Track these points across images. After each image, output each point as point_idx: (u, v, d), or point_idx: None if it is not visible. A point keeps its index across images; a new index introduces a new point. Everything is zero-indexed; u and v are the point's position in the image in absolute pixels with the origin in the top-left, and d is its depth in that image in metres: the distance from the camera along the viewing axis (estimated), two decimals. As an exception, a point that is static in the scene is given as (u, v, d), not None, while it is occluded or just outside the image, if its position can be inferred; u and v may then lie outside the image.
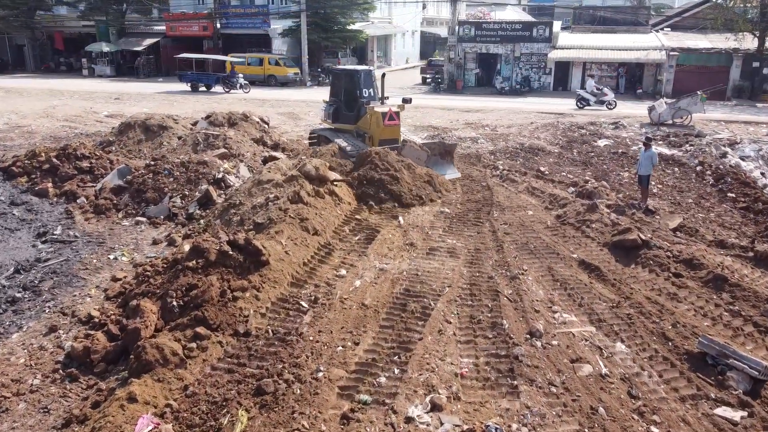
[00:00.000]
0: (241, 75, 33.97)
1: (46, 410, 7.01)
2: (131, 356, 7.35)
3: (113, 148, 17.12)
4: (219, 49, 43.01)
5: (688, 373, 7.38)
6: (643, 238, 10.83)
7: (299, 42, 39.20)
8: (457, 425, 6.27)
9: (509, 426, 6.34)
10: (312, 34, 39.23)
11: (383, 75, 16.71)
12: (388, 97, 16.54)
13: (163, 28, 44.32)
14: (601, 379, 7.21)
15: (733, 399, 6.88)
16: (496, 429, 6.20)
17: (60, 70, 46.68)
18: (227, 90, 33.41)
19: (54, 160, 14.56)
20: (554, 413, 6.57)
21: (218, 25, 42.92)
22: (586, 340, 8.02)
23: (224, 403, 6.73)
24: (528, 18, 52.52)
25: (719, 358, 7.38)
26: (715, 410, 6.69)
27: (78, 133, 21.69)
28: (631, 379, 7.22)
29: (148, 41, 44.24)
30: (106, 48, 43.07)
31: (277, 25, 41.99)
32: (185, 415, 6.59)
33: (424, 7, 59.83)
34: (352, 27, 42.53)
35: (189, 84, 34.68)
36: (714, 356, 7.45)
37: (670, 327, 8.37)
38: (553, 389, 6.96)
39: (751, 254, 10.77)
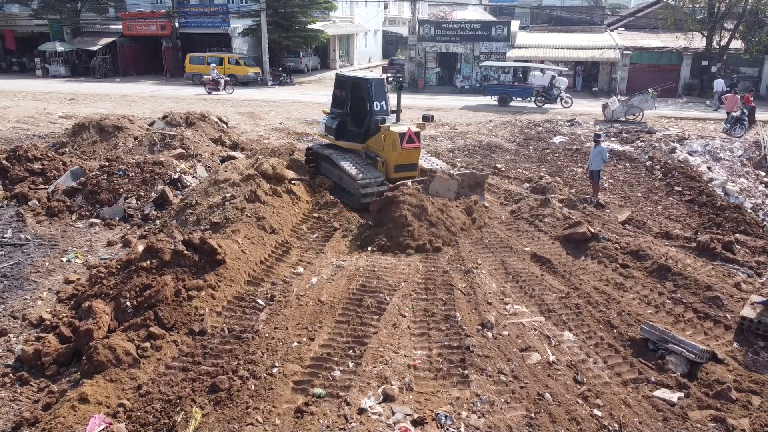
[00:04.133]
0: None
1: (-6, 414, 6.90)
2: (83, 357, 7.29)
3: (67, 150, 16.79)
4: (177, 49, 42.40)
5: (631, 358, 7.70)
6: (593, 231, 11.20)
7: (260, 41, 38.94)
8: (408, 414, 6.42)
9: (459, 414, 6.53)
10: (273, 33, 39.00)
11: (400, 86, 14.49)
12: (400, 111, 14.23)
13: (120, 27, 43.43)
14: (549, 366, 7.46)
15: (672, 381, 7.22)
16: (446, 417, 6.38)
17: (12, 71, 45.31)
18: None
19: (4, 162, 14.20)
20: (503, 400, 6.79)
21: (177, 24, 42.28)
22: (536, 330, 8.28)
23: (178, 401, 6.75)
24: (489, 18, 53.23)
25: (660, 343, 7.73)
26: (655, 392, 7.02)
27: (30, 134, 21.16)
28: (577, 366, 7.49)
29: (105, 40, 43.27)
30: (60, 47, 41.98)
31: (237, 24, 41.60)
32: (139, 414, 6.59)
33: (386, 7, 60.09)
34: (313, 26, 42.43)
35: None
36: (655, 342, 7.80)
37: (615, 315, 8.70)
38: (503, 377, 7.19)
39: (693, 245, 11.23)
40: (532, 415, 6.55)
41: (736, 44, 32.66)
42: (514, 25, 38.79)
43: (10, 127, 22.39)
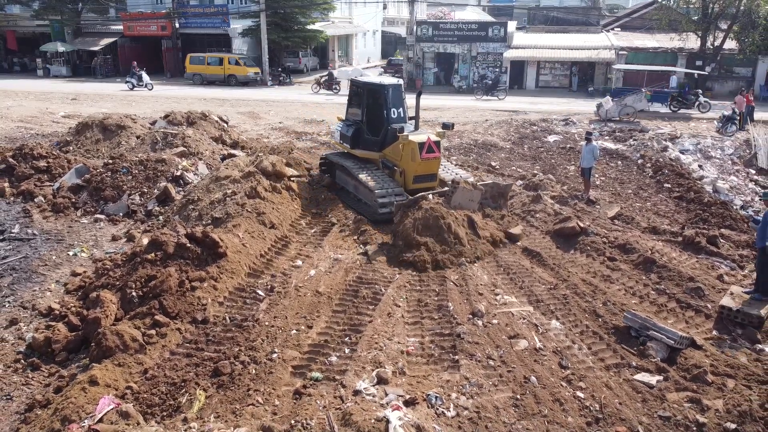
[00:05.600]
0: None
1: (9, 397, 7.28)
2: (92, 343, 7.66)
3: (71, 148, 17.15)
4: (178, 49, 42.75)
5: (614, 345, 8.07)
6: (582, 225, 11.58)
7: (259, 42, 39.29)
8: (400, 396, 6.78)
9: (449, 395, 6.89)
10: (272, 33, 39.37)
11: (419, 93, 13.55)
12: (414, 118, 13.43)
13: (121, 27, 43.79)
14: (535, 352, 7.83)
15: (652, 366, 7.59)
16: (436, 398, 6.75)
17: (13, 71, 45.65)
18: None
19: (10, 160, 14.58)
20: (491, 383, 7.16)
21: (177, 25, 42.63)
22: (524, 319, 8.64)
23: (183, 384, 7.13)
24: (488, 18, 53.59)
25: (641, 331, 8.10)
26: (635, 376, 7.38)
27: (34, 133, 21.51)
28: (562, 352, 7.86)
29: (105, 41, 43.63)
30: (61, 48, 42.32)
31: (237, 25, 41.97)
32: (145, 395, 6.97)
33: (384, 7, 60.45)
34: (312, 27, 42.81)
35: None
36: (637, 329, 8.16)
37: (601, 305, 9.07)
38: (491, 362, 7.55)
39: (680, 239, 11.60)
40: (518, 396, 6.91)
41: (731, 44, 33.05)
42: (511, 25, 39.19)
43: (13, 127, 22.74)
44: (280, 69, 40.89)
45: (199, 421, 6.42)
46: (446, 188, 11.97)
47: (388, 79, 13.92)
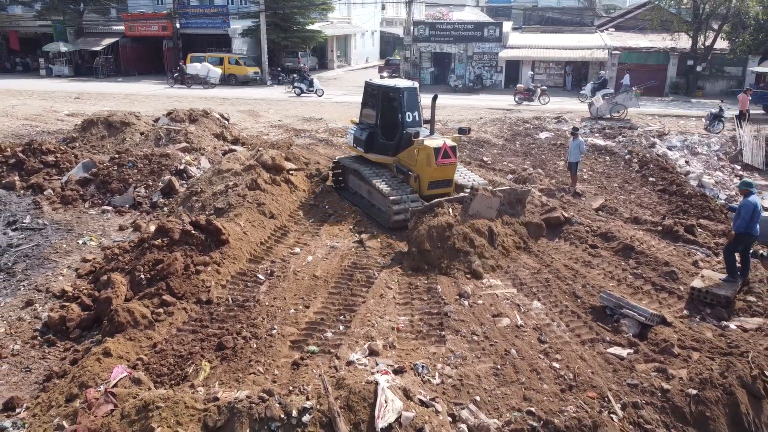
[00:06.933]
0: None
1: (27, 369, 7.86)
2: (104, 320, 8.26)
3: (77, 144, 17.72)
4: (178, 49, 43.34)
5: (590, 322, 8.67)
6: (566, 215, 12.18)
7: (259, 42, 39.89)
8: (390, 365, 7.37)
9: (435, 365, 7.48)
10: (271, 33, 39.98)
11: (434, 97, 12.95)
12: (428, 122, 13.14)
13: (122, 27, 44.37)
14: (517, 329, 8.43)
15: (624, 341, 8.18)
16: (422, 367, 7.34)
17: (16, 71, 46.24)
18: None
19: (20, 154, 15.15)
20: (474, 355, 7.75)
21: (177, 25, 43.22)
22: (508, 300, 9.24)
23: (189, 357, 7.73)
24: (486, 18, 54.23)
25: (616, 309, 8.70)
26: (608, 349, 7.98)
27: (39, 131, 22.07)
28: (542, 329, 8.45)
29: (107, 41, 44.22)
30: (63, 48, 42.91)
31: (237, 25, 42.58)
32: (155, 366, 7.56)
33: (383, 8, 61.15)
34: (311, 27, 43.42)
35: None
36: (612, 308, 8.77)
37: (580, 288, 9.68)
38: (475, 337, 8.15)
39: (659, 228, 12.20)
40: (499, 366, 7.50)
41: (722, 44, 33.67)
42: (507, 26, 39.82)
43: (19, 124, 23.31)
44: (279, 69, 41.48)
45: (205, 387, 7.01)
46: (462, 194, 11.59)
47: (403, 82, 13.62)
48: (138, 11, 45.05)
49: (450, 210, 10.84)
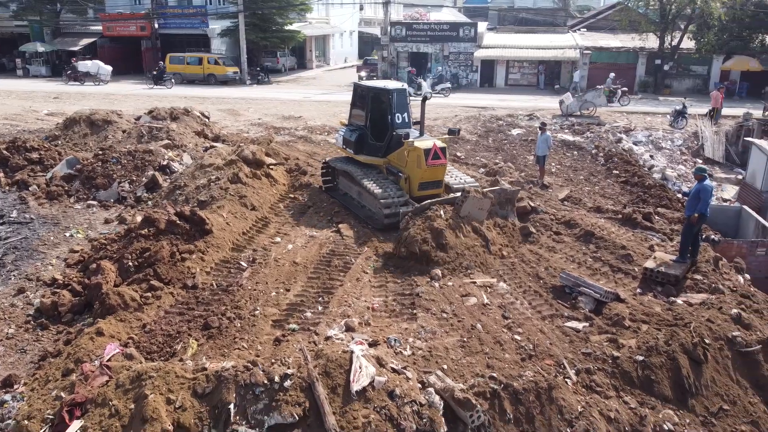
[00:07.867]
0: None
1: (23, 351, 8.33)
2: (96, 303, 8.75)
3: (59, 142, 18.03)
4: (157, 49, 43.45)
5: (551, 300, 9.38)
6: (532, 205, 12.90)
7: (238, 42, 40.22)
8: (365, 339, 7.99)
9: (406, 339, 8.11)
10: (250, 34, 40.32)
11: (424, 99, 13.15)
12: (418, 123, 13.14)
13: (100, 28, 44.36)
14: (483, 307, 9.09)
15: (581, 316, 8.90)
16: (395, 340, 7.96)
17: (-8, 71, 45.94)
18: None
19: (4, 152, 15.47)
20: (443, 330, 8.40)
21: (156, 26, 43.34)
22: (475, 282, 9.91)
23: (177, 335, 8.26)
24: (463, 19, 55.13)
25: (574, 288, 9.42)
26: (566, 323, 8.69)
27: (20, 130, 22.25)
28: (506, 307, 9.14)
29: (85, 41, 44.16)
30: (40, 48, 42.75)
31: (216, 26, 42.83)
32: (145, 345, 8.08)
33: (361, 9, 61.67)
34: (289, 27, 43.82)
35: None
36: (570, 286, 9.49)
37: (543, 270, 10.39)
38: (444, 315, 8.80)
39: (620, 216, 12.99)
40: (465, 339, 8.16)
41: (688, 44, 34.88)
42: (481, 26, 40.70)
43: (-1, 124, 23.47)
44: (258, 68, 41.84)
45: (194, 361, 7.55)
46: (452, 195, 11.61)
47: (393, 84, 13.66)
48: (116, 11, 45.04)
49: (441, 212, 10.95)
